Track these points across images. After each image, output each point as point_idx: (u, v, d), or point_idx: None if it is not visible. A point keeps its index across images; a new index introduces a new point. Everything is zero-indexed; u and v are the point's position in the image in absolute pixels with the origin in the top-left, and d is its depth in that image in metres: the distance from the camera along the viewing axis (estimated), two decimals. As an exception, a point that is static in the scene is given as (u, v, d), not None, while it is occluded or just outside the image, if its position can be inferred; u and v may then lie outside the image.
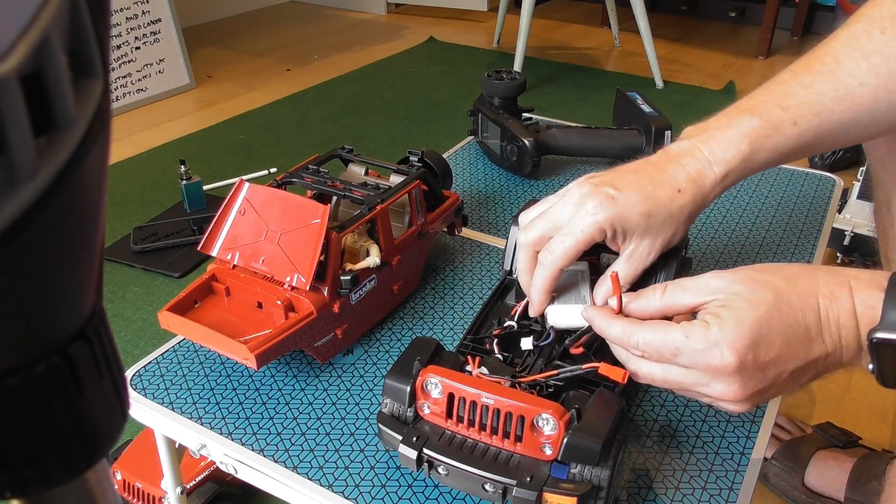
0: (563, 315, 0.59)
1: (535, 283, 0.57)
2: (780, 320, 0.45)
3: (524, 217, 0.59)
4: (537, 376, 0.53)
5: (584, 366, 0.54)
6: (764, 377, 0.46)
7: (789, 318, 0.45)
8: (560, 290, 0.61)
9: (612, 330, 0.50)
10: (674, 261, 0.63)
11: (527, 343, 0.57)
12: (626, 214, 0.54)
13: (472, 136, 1.06)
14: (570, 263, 0.55)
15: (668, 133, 0.94)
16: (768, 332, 0.45)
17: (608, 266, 0.67)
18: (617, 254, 0.58)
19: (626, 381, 0.52)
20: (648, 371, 0.49)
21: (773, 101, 0.56)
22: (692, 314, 0.49)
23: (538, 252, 0.56)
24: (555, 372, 0.53)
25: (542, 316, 0.61)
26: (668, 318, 0.50)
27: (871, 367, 0.44)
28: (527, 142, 0.93)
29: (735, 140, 0.55)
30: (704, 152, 0.55)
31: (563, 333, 0.58)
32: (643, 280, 0.58)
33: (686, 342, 0.46)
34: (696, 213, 0.56)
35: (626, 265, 0.56)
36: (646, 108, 0.98)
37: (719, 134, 0.56)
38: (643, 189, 0.54)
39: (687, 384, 0.48)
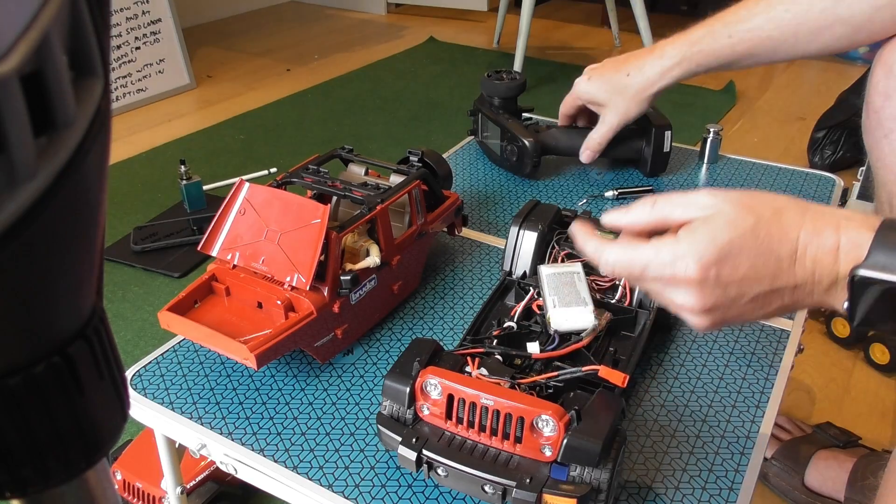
0: (566, 318, 0.59)
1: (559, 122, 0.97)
2: (754, 246, 0.46)
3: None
4: (537, 378, 0.53)
5: (584, 368, 0.54)
6: (724, 295, 0.47)
7: (763, 246, 0.46)
8: (560, 293, 0.61)
9: (587, 246, 0.53)
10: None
11: (533, 347, 0.57)
12: (592, 89, 0.89)
13: (472, 136, 1.06)
14: (566, 111, 0.95)
15: (668, 133, 0.93)
16: (738, 254, 0.46)
17: None
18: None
19: (625, 384, 0.53)
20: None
21: (717, 18, 0.79)
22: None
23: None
24: (555, 374, 0.53)
25: (542, 316, 0.61)
26: (659, 232, 0.51)
27: (845, 304, 0.45)
28: (527, 142, 0.93)
29: (681, 44, 0.80)
30: (659, 50, 0.82)
31: (567, 336, 0.58)
32: None
33: (655, 257, 0.48)
34: (643, 91, 0.84)
35: (599, 126, 0.90)
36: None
37: (676, 39, 0.81)
38: (607, 73, 0.87)
39: (653, 292, 0.51)
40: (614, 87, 0.85)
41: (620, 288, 0.65)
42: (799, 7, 0.72)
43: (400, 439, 0.51)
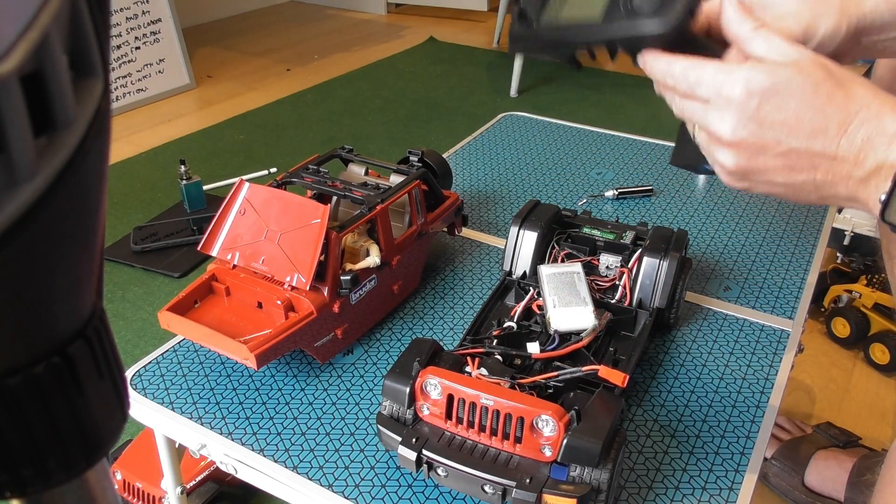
0: (567, 318, 0.59)
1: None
2: (811, 97, 0.44)
3: None
4: (537, 378, 0.53)
5: (584, 368, 0.54)
6: (758, 134, 0.45)
7: (819, 100, 0.44)
8: (560, 293, 0.61)
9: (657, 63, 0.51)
10: (674, 261, 0.63)
11: (533, 347, 0.57)
12: None
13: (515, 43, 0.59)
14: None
15: None
16: (789, 97, 0.44)
17: (606, 266, 0.67)
18: (611, 248, 0.57)
19: (625, 384, 0.53)
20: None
21: None
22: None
23: None
24: (555, 374, 0.53)
25: (542, 316, 0.61)
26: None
27: (881, 196, 0.42)
28: None
29: None
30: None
31: (567, 336, 0.58)
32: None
33: (711, 75, 0.46)
34: (844, 14, 0.51)
35: (778, 23, 0.51)
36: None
37: None
38: None
39: (691, 112, 0.48)
40: None
41: (620, 288, 0.65)
42: None
43: (400, 439, 0.51)
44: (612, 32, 0.53)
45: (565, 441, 0.47)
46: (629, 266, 0.66)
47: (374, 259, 0.65)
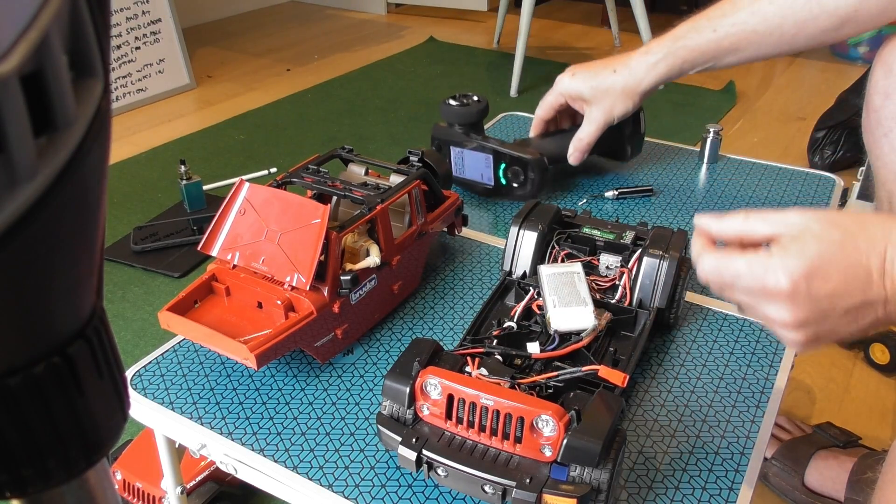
0: (567, 318, 0.59)
1: (532, 129, 0.94)
2: (843, 258, 0.47)
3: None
4: (537, 378, 0.53)
5: (584, 368, 0.54)
6: (816, 308, 0.47)
7: (852, 258, 0.47)
8: (560, 293, 0.61)
9: (694, 246, 0.54)
10: (674, 261, 0.63)
11: (533, 347, 0.57)
12: (576, 85, 0.85)
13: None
14: (545, 114, 0.91)
15: (641, 114, 0.93)
16: (827, 267, 0.47)
17: (606, 266, 0.67)
18: (611, 248, 0.63)
19: (625, 384, 0.53)
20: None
21: (702, 14, 0.78)
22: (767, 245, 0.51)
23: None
24: (555, 374, 0.53)
25: (542, 316, 0.61)
26: (746, 245, 0.52)
27: None
28: (533, 159, 0.86)
29: (667, 40, 0.79)
30: (646, 48, 0.81)
31: (567, 336, 0.58)
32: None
33: (747, 269, 0.49)
34: (631, 89, 0.82)
35: (585, 125, 0.86)
36: None
37: (662, 38, 0.80)
38: (592, 70, 0.85)
39: (745, 305, 0.52)
40: (600, 84, 0.82)
41: (620, 288, 0.65)
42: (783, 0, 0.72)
43: (400, 439, 0.51)
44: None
45: (565, 441, 0.47)
46: (629, 266, 0.66)
47: (374, 259, 0.65)
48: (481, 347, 0.57)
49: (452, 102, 0.90)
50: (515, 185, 0.89)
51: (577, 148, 0.87)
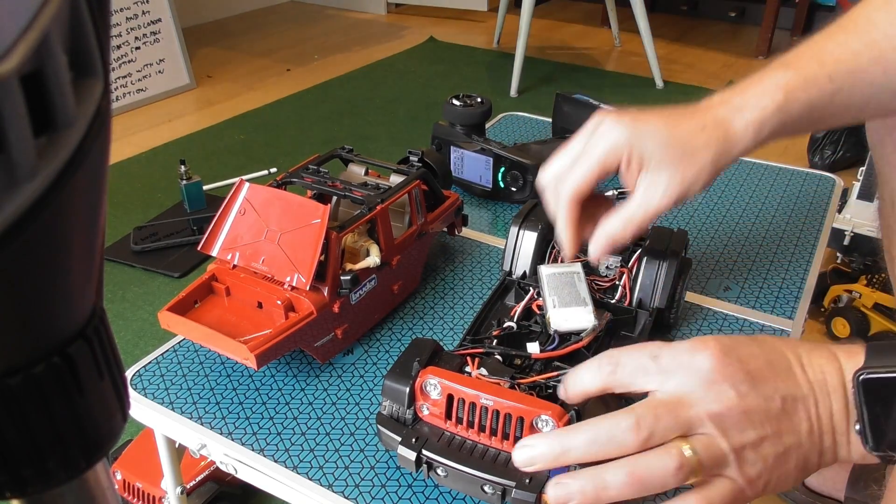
0: (566, 318, 0.59)
1: (558, 221, 0.55)
2: (760, 345, 0.44)
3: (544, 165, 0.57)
4: (537, 378, 0.53)
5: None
6: (758, 392, 0.41)
7: (767, 346, 0.43)
8: (559, 293, 0.61)
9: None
10: (674, 261, 0.63)
11: (533, 347, 0.57)
12: (644, 137, 0.51)
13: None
14: (587, 189, 0.53)
15: None
16: (748, 345, 0.43)
17: (606, 265, 0.67)
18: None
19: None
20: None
21: (809, 56, 0.53)
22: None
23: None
24: (555, 374, 0.53)
25: (542, 316, 0.61)
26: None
27: (857, 427, 0.41)
28: (533, 165, 0.86)
29: (769, 89, 0.52)
30: (736, 101, 0.53)
31: (567, 336, 0.58)
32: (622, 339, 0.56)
33: (666, 345, 0.44)
34: (720, 160, 0.52)
35: (640, 198, 0.52)
36: (607, 106, 0.97)
37: (753, 86, 0.53)
38: (665, 119, 0.53)
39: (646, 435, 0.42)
40: (683, 144, 0.52)
41: (620, 288, 0.65)
42: None
43: (400, 439, 0.51)
44: None
45: (565, 441, 0.47)
46: (629, 266, 0.66)
47: (374, 259, 0.65)
48: (481, 347, 0.57)
49: (456, 102, 0.90)
50: (514, 189, 0.89)
51: (620, 227, 0.54)
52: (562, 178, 0.54)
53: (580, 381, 0.47)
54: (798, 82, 0.52)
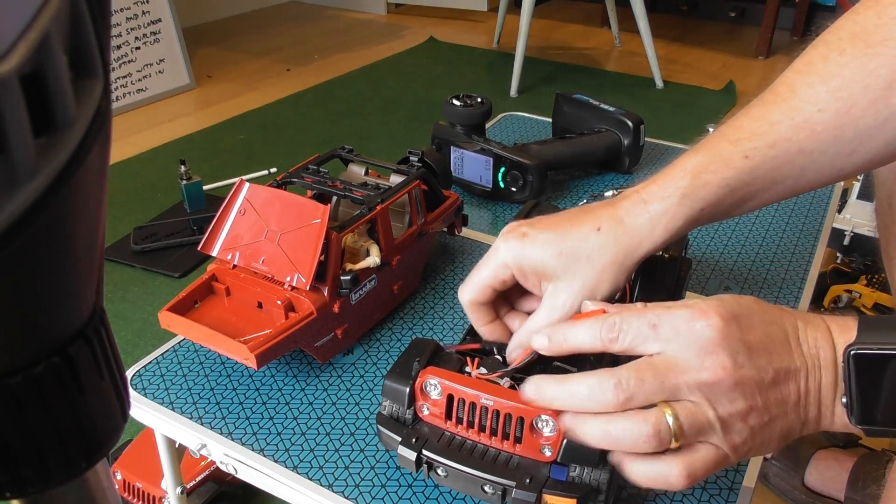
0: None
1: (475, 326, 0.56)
2: (761, 312, 0.44)
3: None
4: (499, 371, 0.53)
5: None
6: (753, 363, 0.42)
7: (767, 317, 0.44)
8: None
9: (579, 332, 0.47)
10: (674, 261, 0.63)
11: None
12: (534, 253, 0.51)
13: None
14: (482, 297, 0.54)
15: (641, 127, 0.94)
16: (749, 315, 0.43)
17: None
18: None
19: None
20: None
21: (720, 136, 0.51)
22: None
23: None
24: (525, 354, 0.51)
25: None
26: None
27: (844, 399, 0.42)
28: (533, 164, 0.87)
29: (676, 177, 0.50)
30: (644, 193, 0.51)
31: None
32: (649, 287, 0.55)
33: (667, 312, 0.43)
34: (623, 259, 0.50)
35: (543, 310, 0.52)
36: (607, 107, 0.98)
37: (664, 175, 0.51)
38: (559, 228, 0.51)
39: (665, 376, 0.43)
40: (574, 249, 0.51)
41: (620, 288, 0.65)
42: (838, 104, 0.48)
43: (400, 439, 0.51)
44: None
45: (565, 441, 0.47)
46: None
47: (374, 259, 0.65)
48: (480, 345, 0.57)
49: (456, 102, 0.90)
50: (514, 189, 0.89)
51: (519, 343, 0.53)
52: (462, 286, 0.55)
53: (574, 338, 0.46)
54: (706, 164, 0.50)
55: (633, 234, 0.50)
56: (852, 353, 0.41)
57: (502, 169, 0.89)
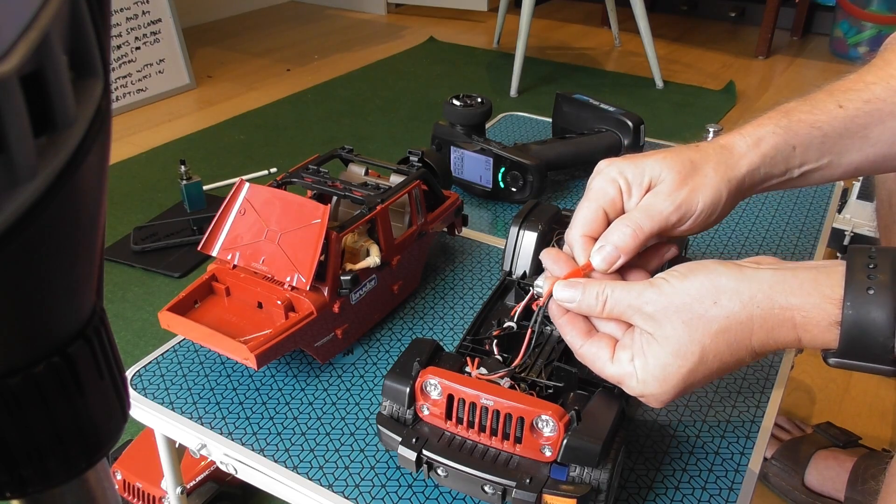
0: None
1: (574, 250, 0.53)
2: (725, 334, 0.45)
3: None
4: (537, 378, 0.53)
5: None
6: (685, 389, 0.46)
7: (733, 335, 0.45)
8: None
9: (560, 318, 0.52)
10: (674, 261, 0.63)
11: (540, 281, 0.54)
12: (642, 163, 0.51)
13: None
14: (589, 229, 0.51)
15: (641, 127, 0.94)
16: (694, 375, 0.46)
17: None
18: None
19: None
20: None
21: (815, 90, 0.54)
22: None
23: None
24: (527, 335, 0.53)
25: (545, 316, 0.61)
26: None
27: (831, 361, 0.44)
28: (533, 164, 0.87)
29: (772, 115, 0.53)
30: (740, 129, 0.54)
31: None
32: None
33: (607, 364, 0.48)
34: (725, 171, 0.51)
35: (639, 212, 0.50)
36: (607, 107, 0.98)
37: (759, 117, 0.54)
38: (664, 151, 0.53)
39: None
40: (677, 160, 0.51)
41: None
42: None
43: (400, 439, 0.51)
44: None
45: (565, 441, 0.47)
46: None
47: (374, 259, 0.65)
48: (481, 347, 0.57)
49: (456, 102, 0.90)
50: (514, 189, 0.89)
51: (617, 242, 0.50)
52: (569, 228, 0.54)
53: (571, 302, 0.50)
54: (798, 105, 0.53)
55: (732, 152, 0.52)
56: (831, 361, 0.43)
57: (502, 169, 0.89)
